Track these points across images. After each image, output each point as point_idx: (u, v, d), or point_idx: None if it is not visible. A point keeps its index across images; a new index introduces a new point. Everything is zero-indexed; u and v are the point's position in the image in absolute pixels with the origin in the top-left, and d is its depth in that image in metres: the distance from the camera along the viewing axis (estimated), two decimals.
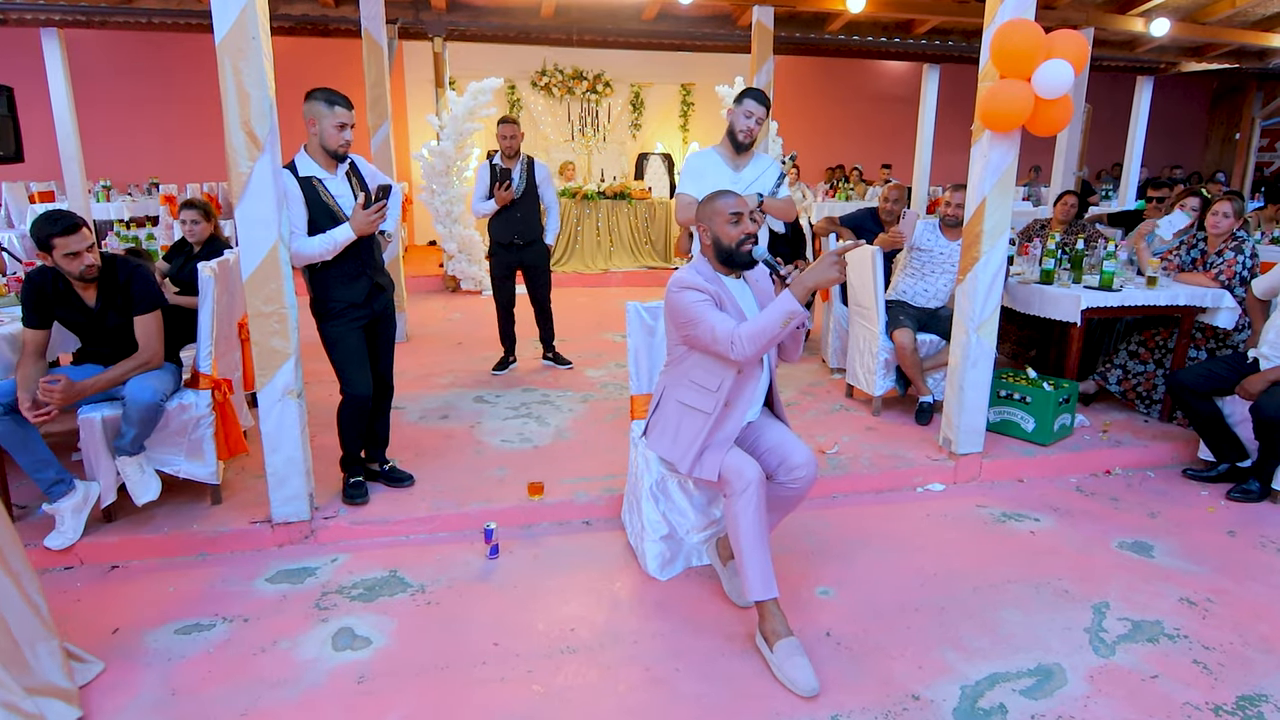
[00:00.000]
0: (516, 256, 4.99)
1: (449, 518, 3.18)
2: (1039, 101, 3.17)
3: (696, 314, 2.37)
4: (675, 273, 2.52)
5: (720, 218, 2.45)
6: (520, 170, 4.84)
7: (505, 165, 4.91)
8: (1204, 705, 2.20)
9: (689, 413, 2.53)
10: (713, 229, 2.47)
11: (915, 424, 4.22)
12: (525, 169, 4.87)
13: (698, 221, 2.51)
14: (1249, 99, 12.88)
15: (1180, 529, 3.28)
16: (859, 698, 2.21)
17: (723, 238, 2.46)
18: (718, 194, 2.52)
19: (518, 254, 4.98)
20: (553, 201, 5.05)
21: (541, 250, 5.04)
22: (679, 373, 2.58)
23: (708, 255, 2.54)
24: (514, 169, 4.84)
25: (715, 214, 2.46)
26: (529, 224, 4.93)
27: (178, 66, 10.80)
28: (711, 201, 2.50)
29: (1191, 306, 4.14)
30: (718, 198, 2.50)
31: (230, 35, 2.59)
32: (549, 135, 11.83)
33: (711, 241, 2.49)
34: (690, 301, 2.39)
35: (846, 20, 8.47)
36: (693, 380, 2.52)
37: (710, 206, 2.48)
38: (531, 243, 4.97)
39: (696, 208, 2.54)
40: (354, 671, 2.32)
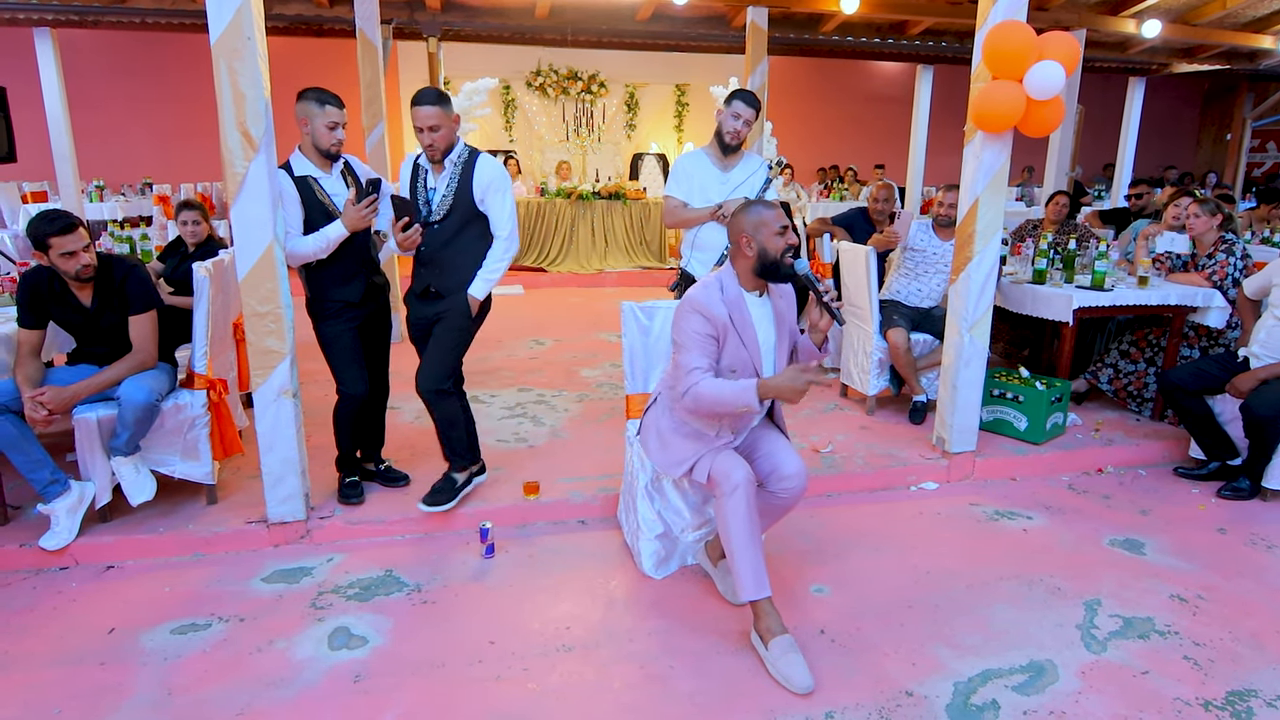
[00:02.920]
0: (429, 311, 3.07)
1: (444, 517, 3.18)
2: (1031, 102, 3.19)
3: (687, 341, 2.37)
4: (695, 287, 2.45)
5: (769, 229, 2.36)
6: (449, 180, 2.96)
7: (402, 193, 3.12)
8: (1194, 700, 2.22)
9: (686, 430, 2.52)
10: (759, 240, 2.36)
11: (909, 423, 4.24)
12: (458, 175, 2.96)
13: (742, 234, 2.39)
14: (1240, 100, 12.95)
15: (1171, 527, 3.30)
16: (853, 694, 2.22)
17: (771, 249, 2.36)
18: (760, 204, 2.45)
19: (430, 306, 3.06)
20: (504, 221, 3.01)
21: (461, 301, 3.02)
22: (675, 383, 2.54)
23: (745, 267, 2.43)
24: (440, 180, 2.98)
25: (764, 225, 2.36)
26: (448, 263, 3.01)
27: (171, 66, 10.78)
28: (758, 211, 2.40)
29: (1183, 306, 4.17)
30: (763, 208, 2.42)
31: (225, 35, 2.60)
32: (544, 135, 11.83)
33: (757, 253, 2.37)
34: (691, 329, 2.36)
35: (840, 21, 8.50)
36: None
37: (758, 217, 2.38)
38: (448, 293, 3.03)
39: (735, 220, 2.44)
40: (350, 671, 2.32)
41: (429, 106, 2.82)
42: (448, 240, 2.99)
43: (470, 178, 2.95)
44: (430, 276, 3.02)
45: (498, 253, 3.05)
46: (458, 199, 2.96)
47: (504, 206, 3.01)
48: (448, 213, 2.96)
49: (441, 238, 2.98)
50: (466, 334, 3.06)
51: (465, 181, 2.95)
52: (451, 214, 2.97)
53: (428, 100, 2.83)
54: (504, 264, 3.05)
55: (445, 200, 2.96)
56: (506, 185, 3.02)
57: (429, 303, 3.05)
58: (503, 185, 3.00)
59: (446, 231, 2.98)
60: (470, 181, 2.95)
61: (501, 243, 3.05)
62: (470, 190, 2.95)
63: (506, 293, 8.21)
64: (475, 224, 3.01)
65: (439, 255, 3.00)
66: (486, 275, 3.03)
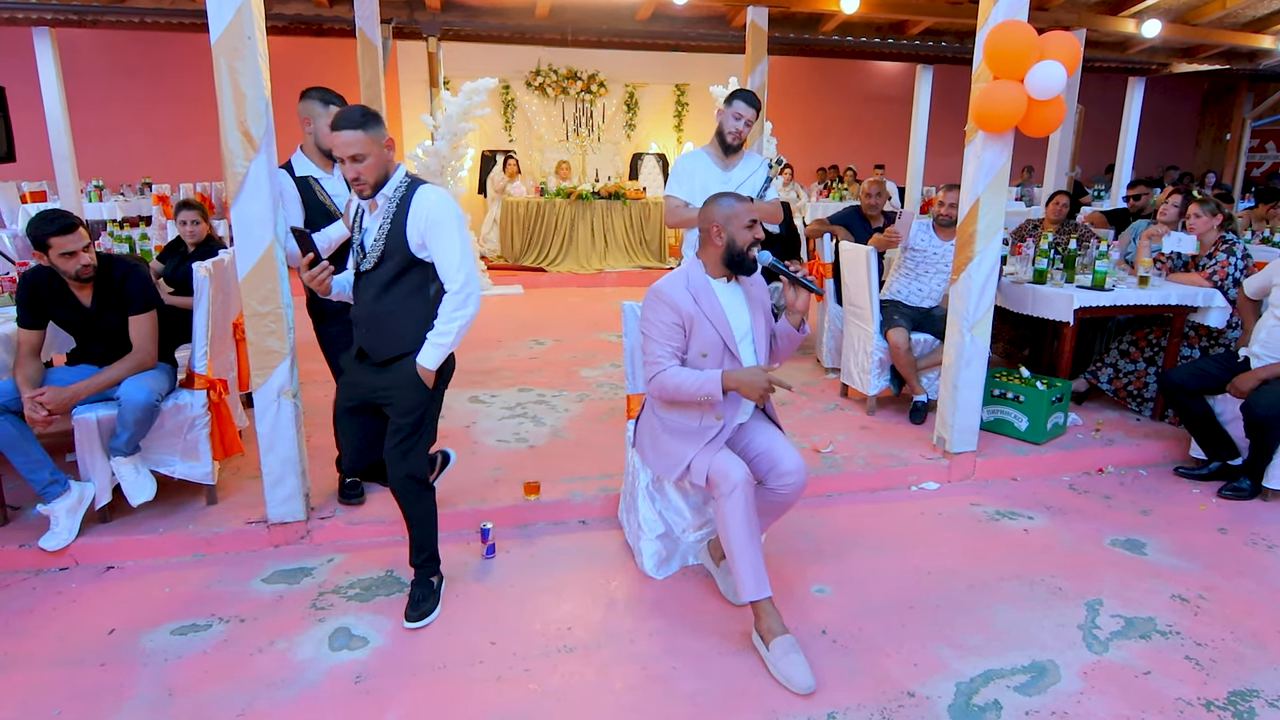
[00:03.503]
0: (369, 382, 2.52)
1: (445, 517, 3.14)
2: (1032, 102, 3.19)
3: (651, 332, 2.45)
4: (662, 278, 2.52)
5: (739, 221, 2.44)
6: (382, 219, 2.37)
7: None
8: (1196, 701, 2.22)
9: (676, 425, 2.54)
10: (729, 231, 2.44)
11: (909, 423, 4.23)
12: (391, 213, 2.36)
13: (713, 223, 2.46)
14: (1240, 100, 12.96)
15: (1172, 526, 3.30)
16: (855, 695, 2.22)
17: (739, 241, 2.44)
18: (731, 197, 2.49)
19: (370, 376, 2.52)
20: (454, 269, 2.39)
21: (408, 375, 2.44)
22: None
23: (711, 258, 2.50)
24: (373, 219, 2.41)
25: (735, 217, 2.44)
26: (381, 324, 2.46)
27: (170, 66, 10.76)
28: (728, 203, 2.46)
29: (1183, 306, 4.17)
30: (734, 200, 2.47)
31: (226, 35, 2.59)
32: (543, 135, 11.82)
33: (726, 243, 2.45)
34: (656, 319, 2.45)
35: (840, 21, 8.50)
36: None
37: (730, 209, 2.45)
38: (391, 363, 2.47)
39: (707, 209, 2.49)
40: (351, 671, 2.32)
41: (348, 131, 2.26)
42: (379, 294, 2.42)
43: (404, 217, 2.35)
44: (362, 338, 2.50)
45: (449, 310, 2.41)
46: (390, 243, 2.37)
47: (451, 250, 2.37)
48: (379, 259, 2.39)
49: (371, 291, 2.43)
50: (430, 413, 2.53)
51: (399, 221, 2.35)
52: (383, 261, 2.39)
53: (346, 123, 2.26)
54: (460, 324, 2.42)
55: (376, 246, 2.38)
56: (453, 223, 2.37)
57: (368, 370, 2.50)
58: (447, 223, 2.36)
59: (377, 283, 2.41)
60: (404, 221, 2.34)
61: (454, 298, 2.40)
62: (403, 232, 2.34)
63: (506, 293, 8.21)
64: (414, 273, 2.42)
65: (371, 312, 2.44)
66: (437, 339, 2.41)
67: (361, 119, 2.29)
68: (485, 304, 8.51)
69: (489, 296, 8.03)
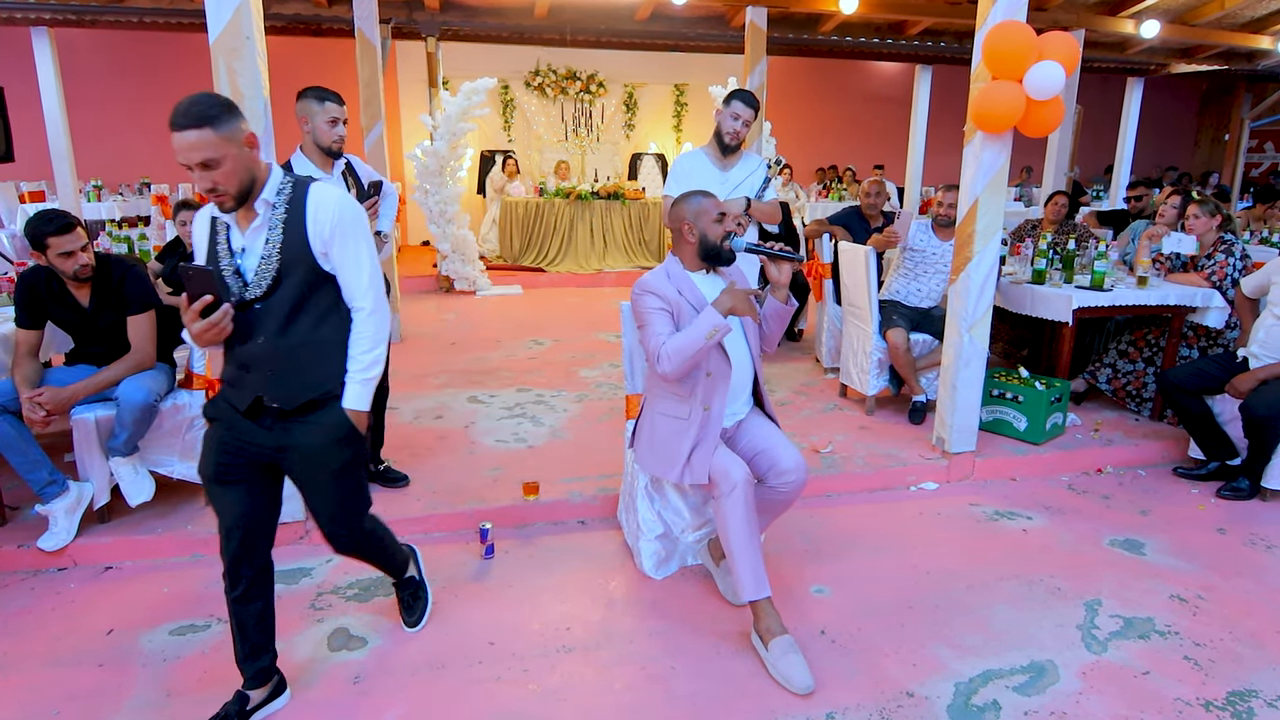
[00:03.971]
0: (267, 442, 2.01)
1: (444, 518, 3.18)
2: (1030, 103, 3.19)
3: (647, 320, 2.47)
4: (646, 275, 2.56)
5: (707, 216, 2.50)
6: (267, 231, 1.92)
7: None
8: (1195, 701, 2.22)
9: (668, 422, 2.55)
10: (700, 226, 2.50)
11: (908, 423, 4.23)
12: (281, 222, 1.92)
13: (683, 222, 2.52)
14: (1238, 100, 12.96)
15: (1171, 527, 3.30)
16: (854, 695, 2.22)
17: (710, 234, 2.50)
18: (698, 194, 2.56)
19: (267, 433, 2.00)
20: (364, 284, 2.00)
21: (336, 424, 2.01)
22: (654, 381, 2.61)
23: (687, 254, 2.56)
24: (251, 234, 1.93)
25: (703, 212, 2.50)
26: (291, 363, 1.97)
27: (169, 66, 10.75)
28: (696, 200, 2.53)
29: (1182, 306, 4.17)
30: (700, 197, 2.54)
31: (224, 35, 2.59)
32: (542, 135, 11.82)
33: (699, 238, 2.51)
34: (645, 307, 2.48)
35: (839, 21, 8.49)
36: (667, 390, 2.55)
37: (697, 206, 2.51)
38: (306, 411, 2.00)
39: (676, 208, 2.56)
40: (349, 671, 2.32)
41: (191, 131, 1.73)
42: (281, 325, 1.93)
43: (302, 222, 1.91)
44: (260, 384, 1.95)
45: (365, 336, 2.01)
46: (287, 258, 1.90)
47: (360, 261, 1.97)
48: (274, 283, 1.90)
49: (268, 323, 1.92)
50: (361, 461, 2.13)
51: (294, 228, 1.90)
52: (281, 284, 1.91)
53: (187, 119, 1.73)
54: (380, 351, 2.03)
55: (267, 264, 1.90)
56: (361, 226, 1.99)
57: (265, 425, 1.98)
58: (355, 226, 1.96)
59: (275, 312, 1.92)
60: (303, 228, 1.90)
61: (366, 319, 2.00)
62: (305, 241, 1.91)
63: (505, 293, 8.21)
64: (324, 292, 1.98)
65: (272, 350, 1.93)
66: (363, 373, 2.01)
67: (208, 112, 1.75)
68: (485, 304, 8.56)
69: (489, 297, 8.03)
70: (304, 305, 1.96)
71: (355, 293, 2.01)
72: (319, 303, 1.98)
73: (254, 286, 1.92)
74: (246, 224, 1.92)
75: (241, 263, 1.94)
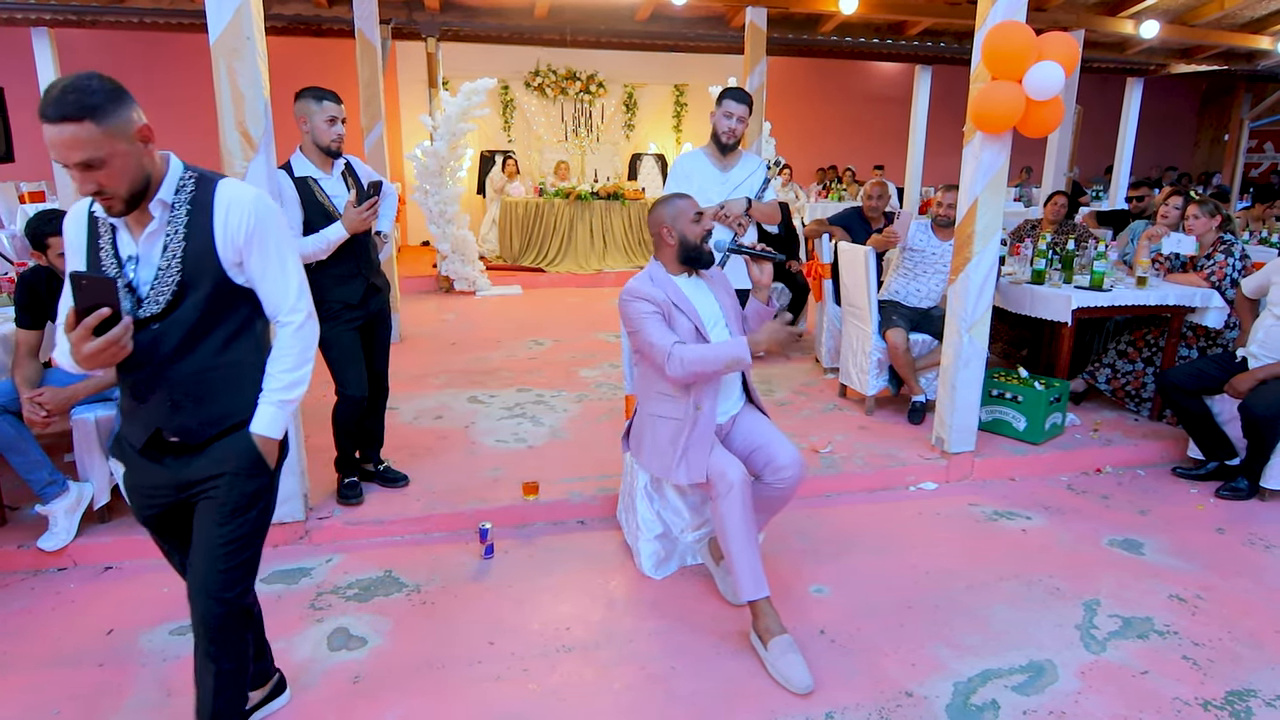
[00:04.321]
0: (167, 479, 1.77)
1: (444, 518, 3.18)
2: (1030, 103, 3.19)
3: (640, 325, 2.47)
4: (631, 282, 2.57)
5: (685, 217, 2.53)
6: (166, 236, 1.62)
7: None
8: (1193, 700, 2.22)
9: (662, 422, 2.55)
10: (679, 228, 2.53)
11: (908, 423, 4.24)
12: (184, 225, 1.62)
13: (662, 225, 2.55)
14: (1238, 100, 12.97)
15: (1170, 526, 3.31)
16: (853, 695, 2.22)
17: (690, 235, 2.53)
18: (676, 197, 2.59)
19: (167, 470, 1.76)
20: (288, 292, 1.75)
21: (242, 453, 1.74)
22: (645, 384, 2.63)
23: (668, 257, 2.58)
24: (146, 241, 1.63)
25: (681, 214, 2.53)
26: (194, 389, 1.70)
27: (169, 66, 10.75)
28: (673, 203, 2.55)
29: (1181, 306, 4.18)
30: (677, 199, 2.57)
31: (225, 35, 2.59)
32: (542, 136, 11.82)
33: (678, 240, 2.54)
34: (637, 312, 2.48)
35: (839, 21, 8.50)
36: (658, 390, 2.56)
37: (675, 208, 2.54)
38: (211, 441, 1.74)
39: (655, 213, 2.59)
40: (349, 671, 2.32)
41: (68, 125, 1.43)
42: (184, 349, 1.65)
43: (208, 226, 1.62)
44: (158, 416, 1.68)
45: (289, 352, 1.73)
46: (189, 270, 1.61)
47: (284, 269, 1.71)
48: (174, 299, 1.61)
49: (170, 347, 1.63)
50: (265, 508, 1.81)
51: (199, 235, 1.62)
52: (183, 300, 1.62)
53: (62, 112, 1.43)
54: (305, 371, 1.77)
55: (165, 277, 1.60)
56: (283, 228, 1.72)
57: (166, 460, 1.72)
58: (275, 228, 1.69)
59: (176, 333, 1.63)
60: (208, 230, 1.62)
61: (293, 335, 1.74)
62: (210, 246, 1.62)
63: (505, 293, 8.21)
64: (235, 309, 1.70)
65: (174, 376, 1.65)
66: (282, 394, 1.73)
67: (89, 101, 1.43)
68: (485, 304, 8.54)
69: (489, 297, 8.03)
70: (210, 324, 1.66)
71: (280, 306, 1.73)
72: (229, 320, 1.69)
73: (149, 303, 1.60)
74: (140, 228, 1.61)
75: (133, 275, 1.62)
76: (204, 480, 1.71)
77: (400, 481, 3.39)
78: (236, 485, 1.71)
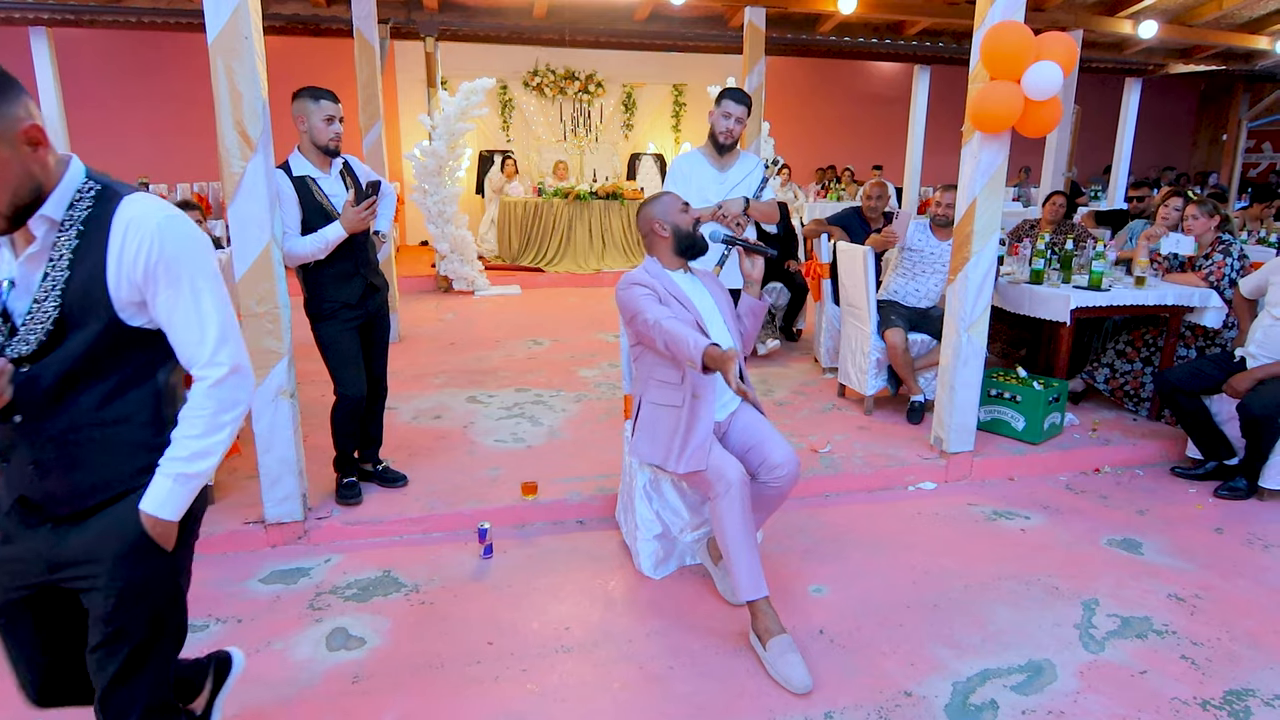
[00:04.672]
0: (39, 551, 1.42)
1: (442, 517, 3.18)
2: (1028, 103, 3.19)
3: (637, 306, 2.49)
4: (625, 277, 2.61)
5: (674, 209, 2.61)
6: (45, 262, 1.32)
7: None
8: (1192, 700, 2.22)
9: (661, 410, 2.59)
10: (671, 221, 2.60)
11: (907, 423, 4.24)
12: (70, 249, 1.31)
13: (654, 221, 2.61)
14: (1236, 100, 12.97)
15: (1169, 526, 3.31)
16: (852, 695, 2.22)
17: (682, 224, 2.60)
18: (662, 194, 2.66)
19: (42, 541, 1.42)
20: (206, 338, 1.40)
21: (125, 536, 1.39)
22: (644, 374, 2.66)
23: (665, 249, 2.64)
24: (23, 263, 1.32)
25: (669, 207, 2.61)
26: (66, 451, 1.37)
27: (167, 66, 10.74)
28: (659, 200, 2.64)
29: (1179, 306, 4.18)
30: (664, 196, 2.65)
31: (222, 35, 2.59)
32: (541, 135, 11.82)
33: (672, 232, 2.60)
34: (634, 296, 2.52)
35: (838, 21, 8.50)
36: (657, 378, 2.60)
37: (661, 204, 2.62)
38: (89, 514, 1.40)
39: (643, 214, 2.66)
40: (348, 672, 2.32)
41: None
42: (55, 395, 1.35)
43: (102, 253, 1.32)
44: (23, 478, 1.39)
45: (201, 414, 1.40)
46: (71, 301, 1.32)
47: (200, 309, 1.39)
48: (50, 336, 1.32)
49: (38, 391, 1.34)
50: (174, 598, 1.49)
51: (89, 263, 1.32)
52: (63, 338, 1.33)
53: None
54: (230, 430, 1.43)
55: (41, 309, 1.31)
56: (199, 258, 1.40)
57: (41, 534, 1.40)
58: (189, 259, 1.38)
59: (49, 376, 1.33)
60: (102, 261, 1.32)
61: (208, 393, 1.40)
62: (102, 281, 1.32)
63: (504, 293, 8.21)
64: (128, 355, 1.39)
65: (38, 431, 1.36)
66: (184, 465, 1.39)
67: None
68: (484, 304, 8.54)
69: (487, 297, 8.02)
70: (92, 373, 1.35)
71: (195, 356, 1.39)
72: (118, 370, 1.38)
73: (19, 341, 1.31)
74: (21, 247, 1.32)
75: (7, 301, 1.32)
76: (81, 563, 1.38)
77: (399, 481, 3.39)
78: (120, 573, 1.36)
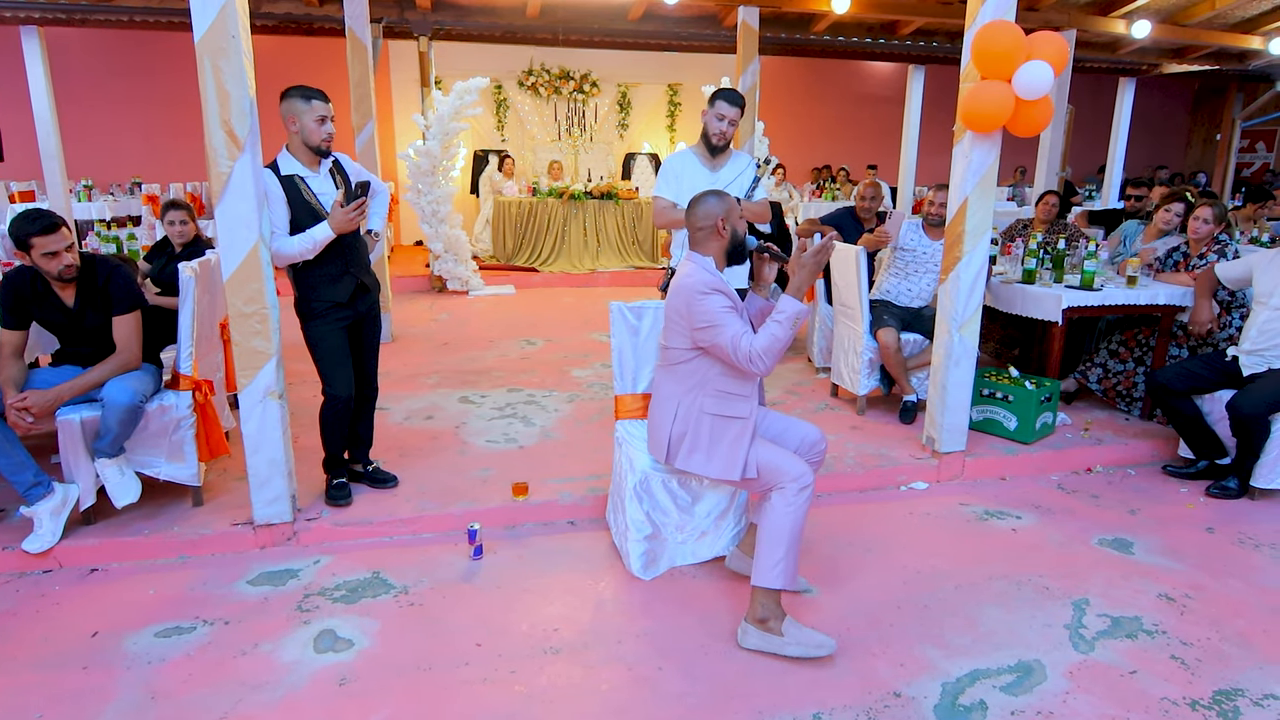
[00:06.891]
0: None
1: (432, 518, 3.17)
2: (1019, 102, 3.19)
3: (721, 320, 2.38)
4: (691, 275, 2.45)
5: (735, 213, 2.54)
6: None
7: None
8: (1181, 700, 2.22)
9: (727, 423, 2.51)
10: (731, 223, 2.52)
11: (899, 423, 4.24)
12: None
13: (716, 219, 2.48)
14: (1229, 100, 13.02)
15: (1160, 526, 3.31)
16: (841, 695, 2.22)
17: (740, 230, 2.55)
18: (718, 194, 2.54)
19: None
20: None
21: None
22: (695, 382, 2.51)
23: (719, 249, 2.53)
24: None
25: (732, 210, 2.53)
26: None
27: (159, 65, 10.71)
28: (724, 199, 2.52)
29: (1171, 306, 4.18)
30: (724, 196, 2.53)
31: (210, 34, 2.58)
32: (536, 135, 11.81)
33: (730, 234, 2.52)
34: (718, 307, 2.39)
35: (832, 21, 8.51)
36: (721, 389, 2.51)
37: (726, 204, 2.51)
38: None
39: (705, 207, 2.51)
40: (336, 674, 2.31)
41: None
42: None
43: None
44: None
45: None
46: None
47: None
48: None
49: None
50: None
51: None
52: None
53: None
54: None
55: None
56: None
57: None
58: None
59: None
60: None
61: None
62: None
63: (498, 293, 8.19)
64: None
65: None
66: None
67: None
68: (478, 304, 8.55)
69: (482, 297, 8.01)
70: None
71: None
72: None
73: None
74: None
75: None
76: None
77: (389, 482, 3.37)
78: None
